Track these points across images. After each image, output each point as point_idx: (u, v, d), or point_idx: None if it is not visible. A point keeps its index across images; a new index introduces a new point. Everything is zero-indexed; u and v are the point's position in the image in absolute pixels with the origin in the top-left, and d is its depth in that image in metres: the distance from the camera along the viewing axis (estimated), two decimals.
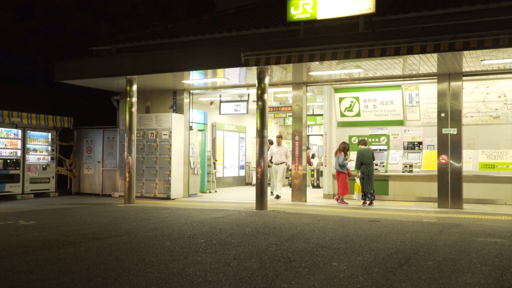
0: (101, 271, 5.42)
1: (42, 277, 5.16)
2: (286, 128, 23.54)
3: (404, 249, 6.87)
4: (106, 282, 5.02)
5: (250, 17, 15.58)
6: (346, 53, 10.59)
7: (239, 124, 21.79)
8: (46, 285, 4.84)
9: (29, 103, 16.77)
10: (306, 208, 12.39)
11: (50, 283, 4.94)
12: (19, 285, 4.84)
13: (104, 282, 5.00)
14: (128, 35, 16.33)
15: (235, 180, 21.65)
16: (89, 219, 9.99)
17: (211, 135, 19.90)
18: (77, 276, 5.22)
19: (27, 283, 4.91)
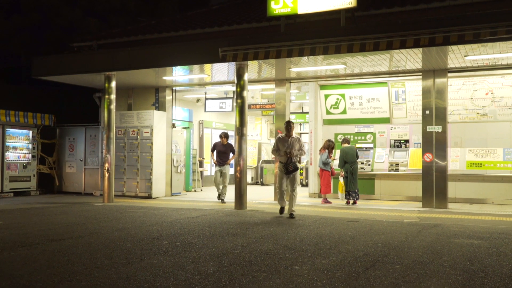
0: (44, 276, 5.13)
1: None
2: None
3: (374, 252, 6.58)
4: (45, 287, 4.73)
5: (234, 12, 15.27)
6: (325, 48, 10.30)
7: (228, 122, 21.46)
8: None
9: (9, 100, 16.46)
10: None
11: None
12: None
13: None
14: (110, 31, 16.02)
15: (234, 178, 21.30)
16: (59, 219, 9.70)
17: (198, 133, 19.61)
18: (17, 281, 4.93)
19: None
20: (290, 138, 10.14)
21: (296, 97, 17.98)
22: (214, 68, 12.64)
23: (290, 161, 9.96)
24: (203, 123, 19.54)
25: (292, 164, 9.96)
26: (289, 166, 9.94)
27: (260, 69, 12.71)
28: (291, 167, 9.94)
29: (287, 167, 9.96)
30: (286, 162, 9.99)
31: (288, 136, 10.17)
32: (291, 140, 10.12)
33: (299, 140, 10.24)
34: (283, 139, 10.21)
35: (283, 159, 10.09)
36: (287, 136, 10.18)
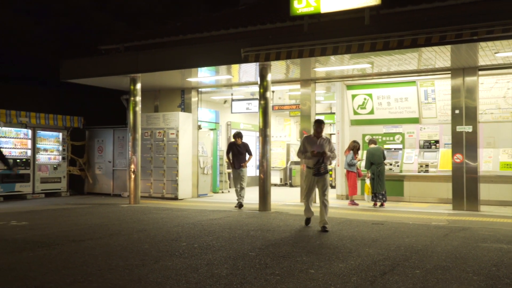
0: (58, 277, 5.14)
1: None
2: None
3: (395, 255, 6.38)
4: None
5: (259, 12, 15.16)
6: (347, 47, 10.10)
7: (256, 123, 21.29)
8: None
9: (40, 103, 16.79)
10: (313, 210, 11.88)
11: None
12: None
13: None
14: (136, 34, 16.15)
15: (252, 180, 21.24)
16: (83, 220, 9.79)
17: (226, 134, 19.60)
18: (30, 282, 4.95)
19: None
20: (320, 138, 8.82)
21: (324, 98, 17.80)
22: (237, 69, 12.58)
23: (322, 162, 8.63)
24: (230, 124, 19.51)
25: (323, 165, 8.63)
26: (321, 167, 8.60)
27: (283, 70, 12.59)
28: (322, 168, 8.61)
29: (318, 168, 8.60)
30: (316, 164, 8.64)
31: (317, 136, 8.84)
32: (320, 141, 8.80)
33: (329, 141, 8.93)
34: (311, 140, 8.88)
35: (310, 163, 8.74)
36: (315, 137, 8.86)
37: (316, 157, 8.65)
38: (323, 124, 8.94)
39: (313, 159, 8.69)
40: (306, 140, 8.96)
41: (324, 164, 8.65)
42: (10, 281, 4.99)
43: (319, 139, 8.83)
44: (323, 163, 8.65)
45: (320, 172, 8.65)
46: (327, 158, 8.69)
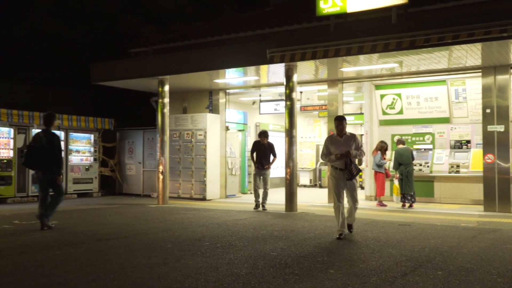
0: (81, 274, 5.27)
1: (19, 278, 5.07)
2: None
3: (418, 257, 6.29)
4: (77, 285, 4.85)
5: (287, 13, 15.17)
6: (372, 47, 10.01)
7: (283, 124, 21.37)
8: (16, 287, 4.74)
9: (72, 105, 17.19)
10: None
11: (22, 285, 4.83)
12: None
13: (75, 286, 4.83)
14: (165, 36, 16.37)
15: (281, 181, 21.21)
16: (111, 219, 9.98)
17: (255, 136, 19.62)
18: (54, 278, 5.09)
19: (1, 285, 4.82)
20: (344, 136, 8.00)
21: (354, 98, 17.67)
22: (264, 70, 12.61)
23: (350, 162, 7.77)
24: (259, 125, 19.53)
25: (353, 167, 7.80)
26: (352, 170, 7.78)
27: (310, 70, 12.55)
28: (354, 170, 7.80)
29: (351, 171, 7.77)
30: (345, 165, 7.81)
31: (340, 135, 8.03)
32: (345, 139, 7.97)
33: (355, 138, 8.08)
34: (334, 139, 8.07)
35: (338, 164, 7.91)
36: (338, 136, 8.05)
37: (341, 159, 7.83)
38: (345, 121, 8.15)
39: (340, 161, 7.88)
40: (329, 140, 8.15)
41: (354, 164, 7.84)
42: (36, 277, 5.14)
43: (343, 137, 8.03)
44: (352, 163, 7.81)
45: (353, 175, 7.84)
46: (353, 157, 7.87)
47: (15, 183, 13.91)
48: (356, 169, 7.85)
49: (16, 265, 5.67)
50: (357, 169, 7.88)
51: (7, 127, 13.86)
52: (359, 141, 8.14)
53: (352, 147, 7.91)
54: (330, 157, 7.99)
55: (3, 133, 13.79)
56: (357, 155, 7.99)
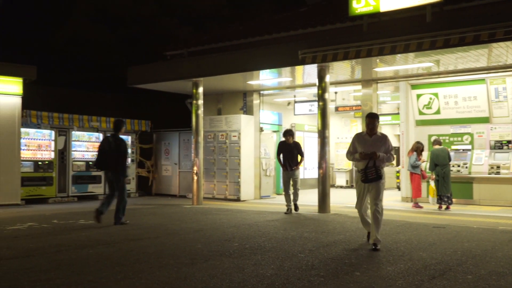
0: (110, 273, 5.41)
1: (51, 276, 5.24)
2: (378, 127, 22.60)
3: (449, 260, 6.17)
4: (106, 284, 4.98)
5: (320, 14, 15.11)
6: (405, 46, 9.86)
7: None
8: (49, 285, 4.90)
9: (110, 108, 17.59)
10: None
11: (54, 282, 4.99)
12: (23, 284, 4.94)
13: (104, 284, 4.97)
14: (200, 39, 16.56)
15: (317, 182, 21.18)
16: (145, 219, 10.18)
17: None
18: (85, 277, 5.24)
19: (32, 282, 5.00)
20: (373, 136, 7.25)
21: (391, 98, 17.44)
22: (297, 70, 12.60)
23: (373, 165, 7.01)
24: (295, 126, 19.50)
25: (373, 170, 7.01)
26: (370, 172, 7.02)
27: (343, 70, 12.47)
28: (372, 173, 7.02)
29: (366, 173, 7.04)
30: (365, 167, 7.08)
31: (370, 134, 7.29)
32: (374, 140, 7.22)
33: (386, 140, 7.27)
34: (362, 138, 7.34)
35: (360, 165, 7.21)
36: (368, 134, 7.32)
37: (365, 159, 7.10)
38: (377, 119, 7.34)
39: (363, 162, 7.15)
40: (357, 138, 7.41)
41: (375, 168, 7.03)
42: (68, 275, 5.31)
43: (373, 137, 7.25)
44: (375, 166, 7.03)
45: (368, 178, 7.05)
46: (380, 160, 7.08)
47: (56, 184, 14.35)
48: (374, 173, 7.01)
49: (51, 264, 5.87)
50: (377, 173, 7.01)
51: (48, 129, 14.31)
52: (390, 144, 7.31)
53: (380, 150, 7.11)
54: (354, 156, 7.29)
55: (44, 135, 14.25)
56: (384, 159, 7.15)
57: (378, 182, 7.08)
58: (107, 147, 9.38)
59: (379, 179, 7.06)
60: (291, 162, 11.21)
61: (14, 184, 12.99)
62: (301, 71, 12.73)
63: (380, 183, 7.11)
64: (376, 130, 7.34)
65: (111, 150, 9.32)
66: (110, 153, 9.32)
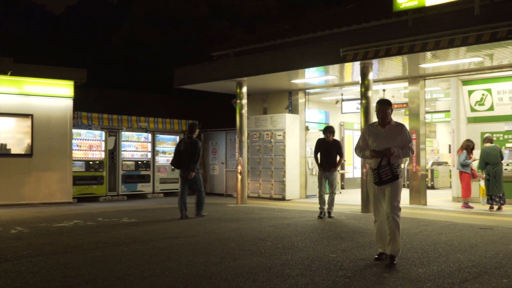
0: (139, 270, 5.52)
1: (82, 272, 5.41)
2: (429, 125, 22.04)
3: (487, 263, 5.91)
4: (132, 281, 5.09)
5: (367, 10, 14.84)
6: (450, 41, 9.50)
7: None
8: (78, 280, 5.06)
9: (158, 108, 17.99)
10: (419, 212, 11.38)
11: (83, 278, 5.15)
12: (54, 278, 5.12)
13: (130, 281, 5.07)
14: (245, 39, 16.64)
15: None
16: (186, 219, 10.30)
17: (339, 135, 19.40)
18: (114, 273, 5.38)
19: (63, 277, 5.18)
20: (387, 127, 6.11)
21: (445, 95, 16.89)
22: (343, 68, 12.41)
23: (387, 164, 5.92)
24: (344, 125, 19.27)
25: (388, 169, 5.90)
26: (384, 172, 5.91)
27: (387, 67, 12.16)
28: (386, 173, 5.90)
29: (379, 174, 5.93)
30: (378, 166, 5.97)
31: (382, 124, 6.13)
32: (388, 131, 6.10)
33: (402, 130, 6.12)
34: (373, 130, 6.20)
35: (373, 163, 6.10)
36: (380, 125, 6.15)
37: (377, 157, 6.01)
38: (389, 107, 6.15)
39: (376, 160, 6.05)
40: (367, 130, 6.28)
41: (390, 166, 5.91)
42: (98, 271, 5.46)
43: (386, 128, 6.11)
44: (389, 165, 5.92)
45: (382, 179, 5.94)
46: (395, 157, 5.97)
47: (106, 183, 14.82)
48: (389, 173, 5.89)
49: (85, 260, 6.06)
50: (392, 173, 5.89)
51: (99, 130, 14.80)
52: (408, 134, 6.17)
53: (396, 142, 6.01)
54: (364, 153, 6.23)
55: (95, 136, 14.75)
56: (401, 154, 6.02)
57: (395, 183, 5.97)
58: (183, 148, 10.27)
59: (395, 179, 5.93)
60: (329, 161, 10.26)
61: (66, 183, 13.52)
62: (346, 68, 12.53)
63: (398, 184, 6.00)
64: (390, 118, 6.15)
65: (186, 150, 10.18)
66: (185, 153, 10.18)
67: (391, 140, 6.03)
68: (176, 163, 10.45)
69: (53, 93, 13.47)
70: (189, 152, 10.11)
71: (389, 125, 6.12)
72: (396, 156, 5.98)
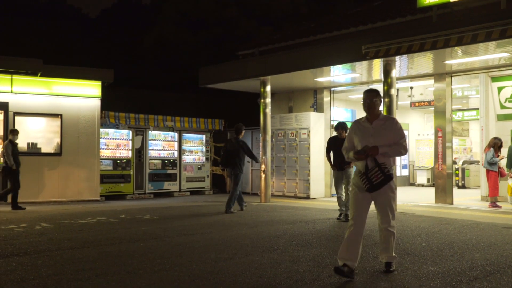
0: (150, 265, 5.63)
1: (95, 266, 5.55)
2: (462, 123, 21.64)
3: (502, 261, 5.79)
4: (141, 275, 5.19)
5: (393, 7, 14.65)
6: (473, 37, 9.30)
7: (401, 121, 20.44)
8: (89, 273, 5.19)
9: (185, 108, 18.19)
10: (443, 211, 11.19)
11: (95, 272, 5.29)
12: (67, 272, 5.27)
13: (139, 275, 5.18)
14: (269, 38, 16.67)
15: (397, 180, 20.55)
16: (206, 216, 10.41)
17: None
18: (126, 268, 5.50)
19: (75, 271, 5.33)
20: (375, 122, 5.25)
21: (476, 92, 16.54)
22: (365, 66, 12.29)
23: (375, 165, 5.05)
24: None
25: (377, 170, 5.03)
26: (372, 176, 5.03)
27: (411, 65, 11.99)
28: (376, 175, 5.02)
29: (370, 178, 5.03)
30: (365, 169, 5.11)
31: (370, 118, 5.30)
32: (376, 127, 5.22)
33: (392, 124, 5.27)
34: (360, 126, 5.34)
35: (359, 165, 5.26)
36: (368, 121, 5.30)
37: (360, 159, 5.17)
38: (377, 95, 5.34)
39: (361, 162, 5.21)
40: (354, 128, 5.41)
41: (380, 167, 5.04)
42: (110, 266, 5.60)
43: (374, 123, 5.25)
44: (378, 165, 5.05)
45: (373, 184, 5.04)
46: (383, 156, 5.10)
47: (133, 181, 15.09)
48: (380, 176, 5.02)
49: (100, 255, 6.22)
50: (384, 173, 5.02)
51: (126, 129, 15.08)
52: (400, 129, 5.28)
53: (385, 140, 5.14)
54: (348, 154, 5.37)
55: (122, 135, 15.04)
56: (389, 152, 5.15)
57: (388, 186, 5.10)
58: (231, 148, 11.12)
59: (389, 180, 5.04)
60: (342, 160, 9.17)
61: (94, 181, 13.85)
62: (371, 66, 12.40)
63: (389, 189, 5.16)
64: (378, 111, 5.31)
65: (233, 150, 11.02)
66: (232, 152, 11.02)
67: (380, 137, 5.15)
68: (224, 162, 11.27)
69: (81, 93, 13.81)
70: (236, 152, 10.99)
71: (377, 120, 5.27)
72: (384, 155, 5.12)
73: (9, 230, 8.19)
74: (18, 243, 6.97)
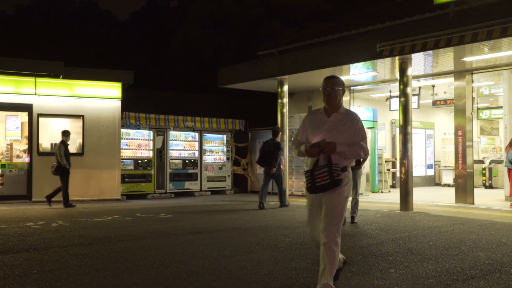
0: (151, 261, 5.72)
1: (97, 262, 5.68)
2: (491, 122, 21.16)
3: (507, 261, 5.70)
4: (141, 270, 5.29)
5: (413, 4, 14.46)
6: (488, 33, 9.12)
7: (426, 120, 20.36)
8: (90, 268, 5.33)
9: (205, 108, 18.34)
10: (461, 210, 10.99)
11: (96, 267, 5.42)
12: (69, 266, 5.42)
13: (138, 270, 5.28)
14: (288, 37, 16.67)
15: (422, 180, 20.29)
16: (221, 214, 10.51)
17: (391, 133, 19.07)
18: (127, 263, 5.61)
19: (77, 266, 5.47)
20: (334, 115, 4.49)
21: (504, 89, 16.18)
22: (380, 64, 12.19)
23: (326, 164, 4.30)
24: (395, 122, 18.85)
25: (326, 171, 4.28)
26: (318, 175, 4.31)
27: (428, 62, 11.83)
28: (321, 176, 4.29)
29: (312, 176, 4.34)
30: (313, 167, 4.38)
31: (328, 111, 4.54)
32: (334, 120, 4.47)
33: (353, 121, 4.49)
34: (315, 118, 4.62)
35: (309, 162, 4.52)
36: (326, 112, 4.54)
37: (313, 155, 4.41)
38: (339, 83, 4.59)
39: (311, 158, 4.48)
40: (309, 118, 4.73)
41: (330, 167, 4.29)
42: (112, 262, 5.72)
43: (332, 117, 4.49)
44: (329, 166, 4.30)
45: (315, 185, 4.35)
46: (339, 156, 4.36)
47: (154, 181, 15.31)
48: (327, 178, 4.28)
49: (105, 251, 6.36)
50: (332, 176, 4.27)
51: (147, 130, 15.32)
52: (362, 128, 4.51)
53: (342, 137, 4.39)
54: (300, 148, 4.57)
55: (143, 135, 15.28)
56: (347, 153, 4.39)
57: (337, 192, 4.34)
58: (267, 149, 11.84)
59: (333, 186, 4.28)
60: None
61: (115, 181, 14.11)
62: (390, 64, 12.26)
63: (341, 194, 4.37)
64: (339, 103, 4.53)
65: (270, 151, 11.74)
66: (268, 153, 11.75)
67: (335, 134, 4.40)
68: (261, 161, 12.11)
69: (102, 94, 14.10)
70: (272, 152, 11.72)
71: (336, 114, 4.50)
72: (340, 155, 4.37)
73: (26, 228, 8.44)
74: (30, 240, 7.18)
